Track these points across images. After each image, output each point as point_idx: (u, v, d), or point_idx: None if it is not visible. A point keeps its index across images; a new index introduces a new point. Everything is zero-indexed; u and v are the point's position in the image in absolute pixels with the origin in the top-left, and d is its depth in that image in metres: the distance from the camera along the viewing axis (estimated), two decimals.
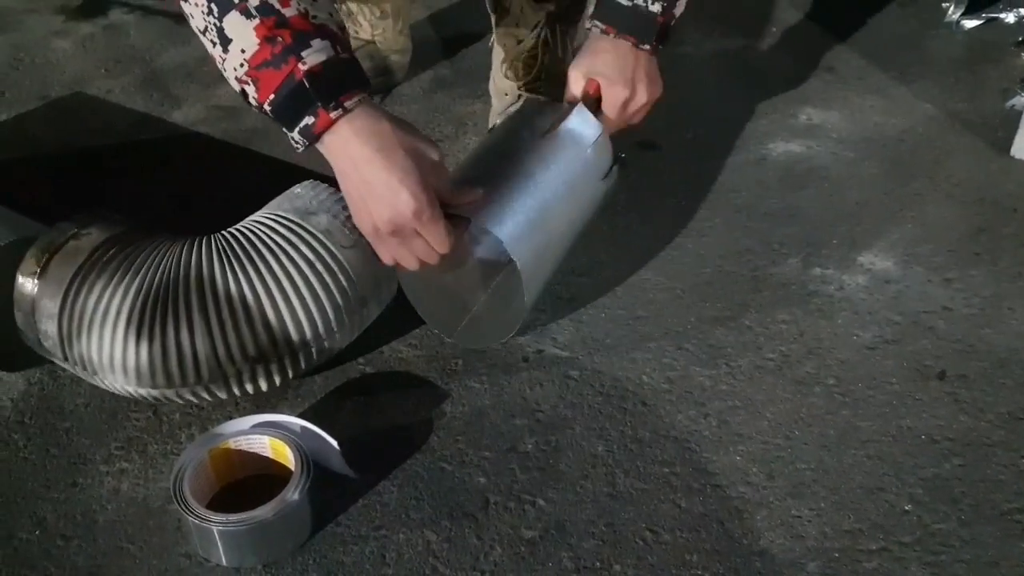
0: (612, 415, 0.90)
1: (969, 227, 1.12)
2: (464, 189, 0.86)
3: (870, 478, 0.83)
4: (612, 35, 0.96)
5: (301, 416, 0.87)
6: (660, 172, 1.24)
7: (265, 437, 0.83)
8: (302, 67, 0.74)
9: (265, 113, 0.77)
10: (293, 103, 0.75)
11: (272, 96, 0.75)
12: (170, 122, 1.38)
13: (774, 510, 0.81)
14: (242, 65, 0.75)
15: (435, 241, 0.82)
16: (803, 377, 0.93)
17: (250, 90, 0.76)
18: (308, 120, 0.76)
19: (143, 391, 0.86)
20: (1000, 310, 1.00)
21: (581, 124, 0.97)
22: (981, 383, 0.92)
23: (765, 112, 1.35)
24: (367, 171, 0.77)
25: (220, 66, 0.78)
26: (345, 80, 0.76)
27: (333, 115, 0.75)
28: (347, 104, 0.76)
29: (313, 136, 0.77)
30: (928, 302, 1.01)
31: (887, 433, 0.87)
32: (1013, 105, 1.32)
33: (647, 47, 0.97)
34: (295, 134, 0.77)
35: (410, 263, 0.84)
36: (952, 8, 1.57)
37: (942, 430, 0.87)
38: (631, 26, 0.96)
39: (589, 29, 0.99)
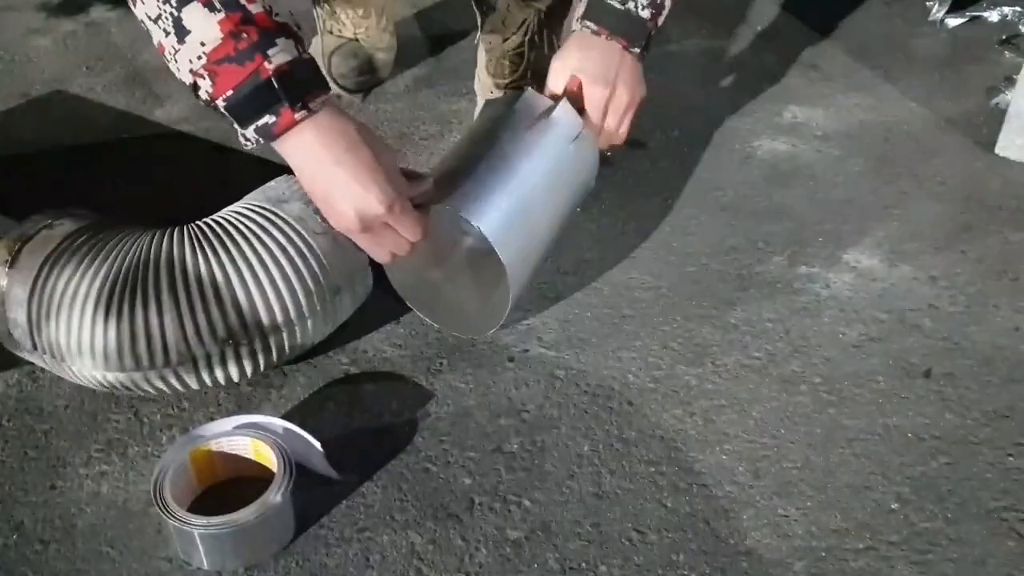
0: (598, 415, 0.89)
1: (954, 225, 1.12)
2: (417, 182, 0.86)
3: (857, 477, 0.83)
4: (604, 36, 0.96)
5: (284, 417, 0.86)
6: (646, 170, 1.24)
7: (247, 438, 0.82)
8: (268, 66, 0.73)
9: (214, 107, 0.76)
10: (255, 101, 0.75)
11: (231, 92, 0.74)
12: (152, 120, 1.37)
13: (760, 509, 0.80)
14: (200, 58, 0.74)
15: (409, 230, 0.83)
16: (789, 375, 0.93)
17: (204, 84, 0.75)
18: (268, 119, 0.75)
19: (111, 376, 0.85)
20: (986, 308, 1.00)
21: (563, 114, 0.97)
22: (967, 381, 0.92)
23: (750, 110, 1.35)
24: (335, 171, 0.78)
25: (170, 56, 0.76)
26: (309, 81, 0.76)
27: (298, 116, 0.75)
28: (312, 105, 0.75)
29: (271, 135, 0.76)
30: (914, 300, 1.01)
31: (873, 432, 0.87)
32: (997, 103, 1.33)
33: (636, 50, 0.97)
34: (249, 131, 0.76)
35: (383, 256, 0.86)
36: (936, 6, 1.57)
37: (928, 428, 0.87)
38: (624, 29, 0.96)
39: (578, 30, 0.99)
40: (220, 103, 0.75)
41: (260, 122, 0.75)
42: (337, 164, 0.78)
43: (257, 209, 0.91)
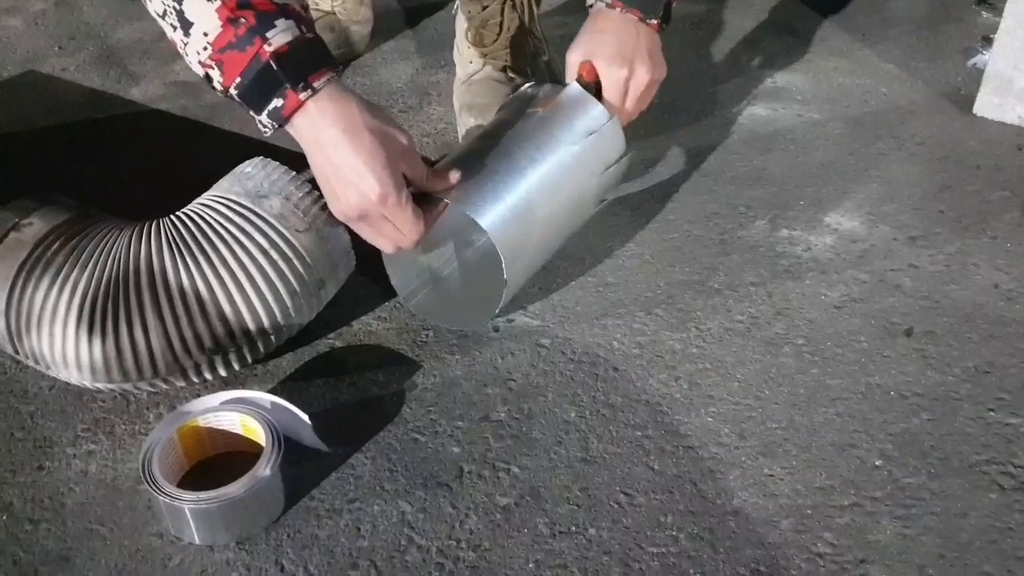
0: (584, 381, 0.90)
1: (933, 185, 1.13)
2: (440, 173, 0.85)
3: (840, 435, 0.84)
4: (619, 9, 0.95)
5: (271, 392, 0.86)
6: (625, 138, 1.23)
7: (235, 414, 0.82)
8: (268, 48, 0.73)
9: (230, 97, 0.76)
10: (260, 86, 0.74)
11: (238, 79, 0.74)
12: (128, 99, 1.36)
13: (746, 469, 0.81)
14: (205, 48, 0.74)
15: (403, 226, 0.81)
16: (772, 338, 0.94)
17: (215, 74, 0.75)
18: (277, 103, 0.75)
19: (99, 385, 0.85)
20: (965, 266, 1.01)
21: (581, 108, 0.96)
22: (947, 338, 0.93)
23: (729, 76, 1.35)
24: (333, 154, 0.76)
25: (182, 51, 0.76)
26: (313, 59, 0.75)
27: (302, 96, 0.74)
28: (316, 84, 0.75)
29: (283, 119, 0.76)
30: (894, 260, 1.02)
31: (856, 390, 0.88)
32: (975, 63, 1.33)
33: (653, 22, 0.96)
34: (263, 117, 0.76)
35: (385, 246, 0.84)
36: None
37: (910, 386, 0.88)
38: (637, 0, 0.95)
39: (591, 6, 0.98)
40: (233, 92, 0.75)
41: (270, 107, 0.75)
42: (335, 148, 0.76)
43: (236, 207, 0.88)
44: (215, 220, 0.88)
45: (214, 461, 0.83)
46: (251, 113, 0.77)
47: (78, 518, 0.79)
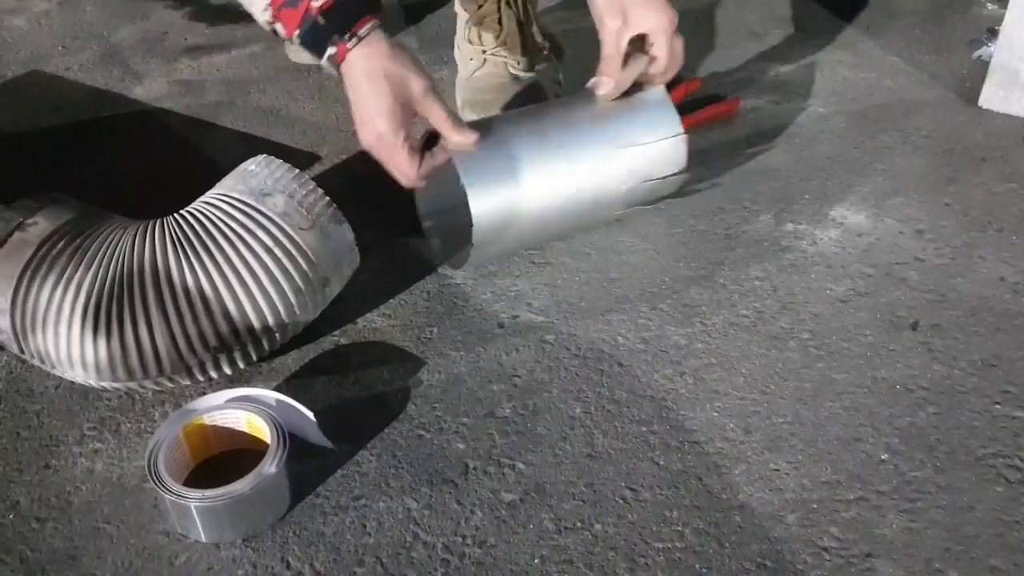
0: (589, 377, 0.90)
1: (939, 178, 1.12)
2: (464, 126, 0.90)
3: (846, 429, 0.83)
4: None
5: (276, 389, 0.86)
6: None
7: (240, 411, 0.82)
8: (315, 5, 0.83)
9: (300, 45, 0.86)
10: (314, 38, 0.85)
11: (297, 32, 0.85)
12: (131, 98, 1.36)
13: (752, 464, 0.81)
14: (266, 9, 0.85)
15: (397, 167, 0.88)
16: (778, 332, 0.93)
17: (279, 28, 0.86)
18: (331, 51, 0.84)
19: (105, 383, 0.85)
20: (971, 259, 1.00)
21: (654, 114, 0.99)
22: (953, 332, 0.92)
23: (733, 70, 1.35)
24: (353, 96, 0.86)
25: (250, 11, 0.87)
26: (356, 9, 0.84)
27: (349, 44, 0.84)
28: (360, 32, 0.83)
29: (337, 65, 0.85)
30: (900, 253, 1.02)
31: (862, 384, 0.88)
32: (980, 56, 1.32)
33: None
34: (324, 63, 0.86)
35: (400, 180, 0.91)
36: None
37: (916, 379, 0.88)
38: None
39: None
40: (297, 42, 0.85)
41: (327, 54, 0.85)
42: (356, 90, 0.85)
43: (240, 206, 0.88)
44: (219, 218, 0.88)
45: (219, 459, 0.83)
46: (315, 59, 0.86)
47: (84, 516, 0.79)
